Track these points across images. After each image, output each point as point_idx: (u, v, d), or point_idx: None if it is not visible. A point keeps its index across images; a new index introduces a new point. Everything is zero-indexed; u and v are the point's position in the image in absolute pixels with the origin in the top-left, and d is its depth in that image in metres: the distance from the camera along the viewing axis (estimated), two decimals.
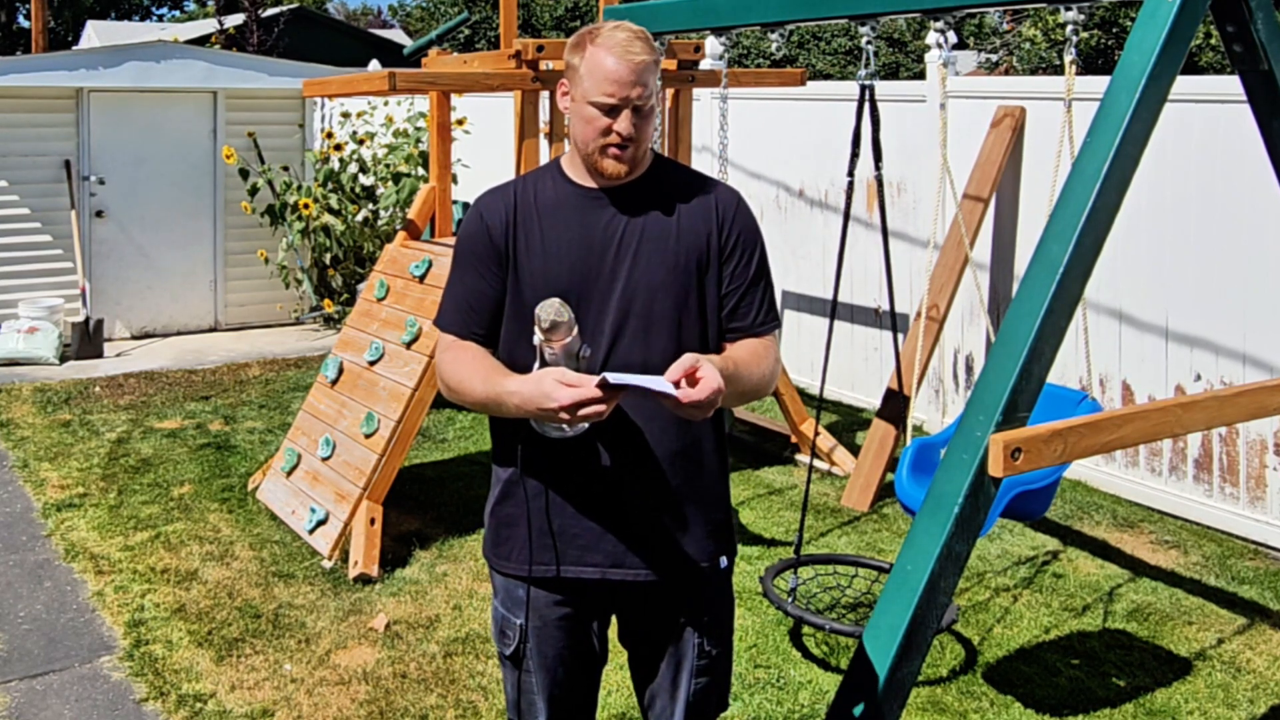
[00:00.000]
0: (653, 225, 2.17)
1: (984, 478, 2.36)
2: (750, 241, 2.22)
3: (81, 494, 5.34)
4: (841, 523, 5.06)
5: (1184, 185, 5.07)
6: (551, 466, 2.19)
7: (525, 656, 2.27)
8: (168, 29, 24.60)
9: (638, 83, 2.09)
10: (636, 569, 2.19)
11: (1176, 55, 2.54)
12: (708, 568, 2.25)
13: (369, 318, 5.31)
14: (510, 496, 2.24)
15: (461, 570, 4.49)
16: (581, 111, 2.13)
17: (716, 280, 2.19)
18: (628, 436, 2.15)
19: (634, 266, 2.14)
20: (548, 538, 2.20)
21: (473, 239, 2.22)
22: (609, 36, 2.11)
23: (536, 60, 5.02)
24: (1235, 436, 4.90)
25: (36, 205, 8.21)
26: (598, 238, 2.16)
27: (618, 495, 2.18)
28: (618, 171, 2.14)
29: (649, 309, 2.14)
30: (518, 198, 2.22)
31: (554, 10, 26.65)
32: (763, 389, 2.19)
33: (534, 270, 2.16)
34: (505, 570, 2.27)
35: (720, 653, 2.30)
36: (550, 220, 2.19)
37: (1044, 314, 2.40)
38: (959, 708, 3.52)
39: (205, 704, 3.56)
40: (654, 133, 2.22)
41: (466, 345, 2.20)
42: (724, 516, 2.29)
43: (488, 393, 2.08)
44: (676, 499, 2.20)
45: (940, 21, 3.78)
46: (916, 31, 21.98)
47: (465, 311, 2.22)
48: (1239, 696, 3.61)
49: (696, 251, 2.17)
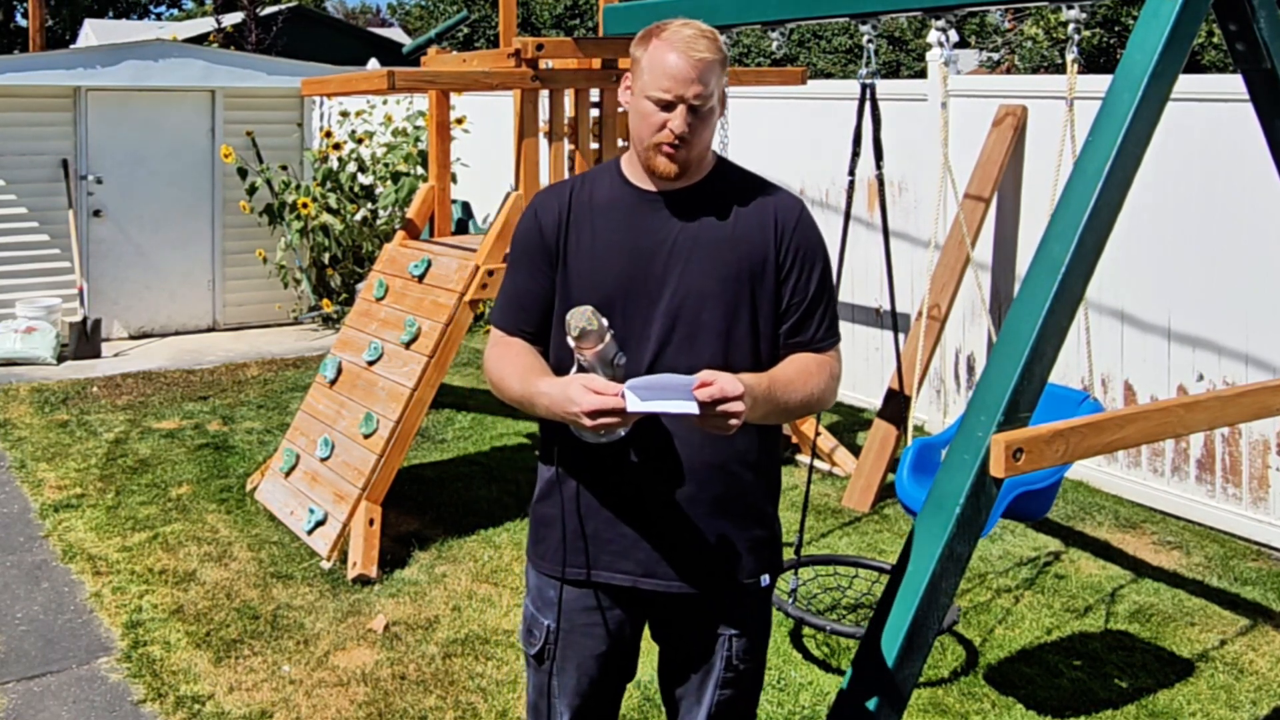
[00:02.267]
0: (707, 232, 2.12)
1: (985, 478, 2.35)
2: (811, 256, 2.15)
3: (79, 494, 5.33)
4: (842, 523, 5.04)
5: (1186, 184, 5.05)
6: (588, 470, 2.16)
7: (550, 658, 2.24)
8: (166, 28, 24.56)
9: (697, 80, 2.03)
10: (668, 580, 2.15)
11: (1179, 54, 2.52)
12: (746, 584, 2.20)
13: (368, 317, 5.30)
14: (549, 496, 2.23)
15: (461, 571, 4.48)
16: (639, 106, 2.09)
17: (773, 294, 2.13)
18: (664, 446, 2.11)
19: (684, 273, 2.09)
20: (580, 540, 2.17)
21: (526, 236, 2.20)
22: (675, 32, 2.07)
23: (536, 59, 5.01)
24: (1238, 437, 4.89)
25: (34, 205, 8.19)
26: (648, 242, 2.11)
27: (651, 504, 2.14)
28: (668, 171, 2.09)
29: (697, 318, 2.09)
30: (573, 196, 2.19)
31: (553, 8, 26.62)
32: (813, 405, 2.12)
33: (582, 271, 2.13)
34: (541, 568, 2.25)
35: (749, 668, 2.25)
36: (603, 221, 2.15)
37: (1046, 314, 2.38)
38: (960, 709, 3.51)
39: (203, 705, 3.54)
40: (712, 136, 2.15)
41: (512, 342, 2.18)
42: (767, 534, 2.23)
43: (523, 392, 2.07)
44: (712, 512, 2.14)
45: (941, 20, 3.77)
46: (918, 30, 21.97)
47: (515, 309, 2.20)
48: (1241, 698, 3.60)
49: (751, 262, 2.11)
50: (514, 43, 5.06)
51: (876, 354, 6.63)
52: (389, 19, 37.91)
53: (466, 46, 24.76)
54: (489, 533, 4.86)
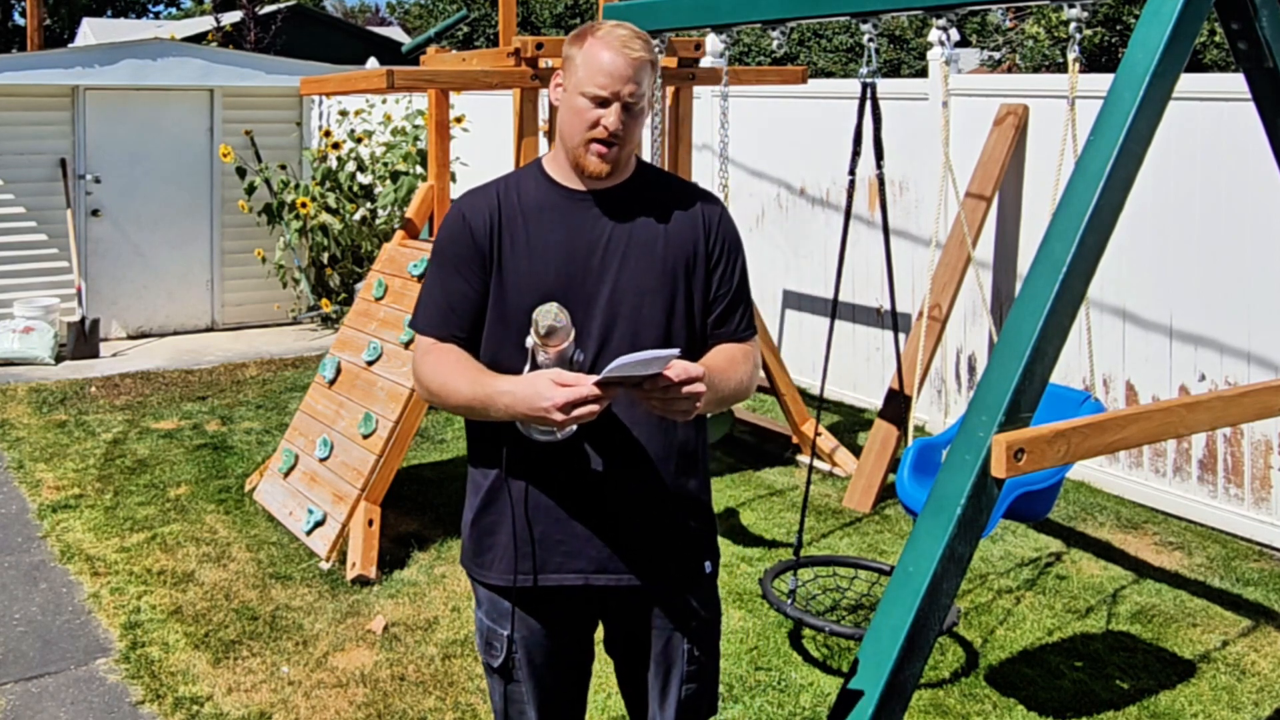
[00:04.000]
0: (640, 230, 2.16)
1: (987, 478, 2.34)
2: (734, 251, 2.24)
3: (77, 495, 5.32)
4: (843, 524, 5.03)
5: (1188, 184, 5.04)
6: (536, 470, 2.16)
7: (514, 667, 2.25)
8: (164, 26, 24.52)
9: (631, 79, 2.08)
10: (620, 574, 2.18)
11: (1181, 53, 2.51)
12: (693, 573, 2.25)
13: (367, 317, 5.28)
14: (493, 503, 2.21)
15: (460, 572, 4.46)
16: (572, 102, 2.12)
17: (704, 286, 2.20)
18: (613, 440, 2.14)
19: (621, 270, 2.13)
20: (529, 545, 2.17)
21: (455, 240, 2.18)
22: (609, 32, 2.12)
23: (535, 58, 5.00)
24: (1240, 437, 4.87)
25: (32, 204, 8.17)
26: (584, 240, 2.14)
27: (603, 499, 2.16)
28: (599, 170, 2.12)
29: (637, 313, 2.13)
30: (500, 198, 2.19)
31: (553, 7, 26.63)
32: (741, 393, 2.21)
33: (520, 272, 2.14)
34: (488, 581, 2.24)
35: (709, 658, 2.30)
36: (536, 222, 2.16)
37: (1047, 313, 2.37)
38: (961, 710, 3.50)
39: (202, 706, 3.53)
40: (640, 135, 2.20)
41: (447, 348, 2.15)
42: (707, 522, 2.29)
43: (475, 394, 2.05)
44: (661, 504, 2.19)
45: (942, 19, 3.75)
46: (918, 29, 21.97)
47: (445, 313, 2.17)
48: (1243, 699, 3.59)
49: (684, 257, 2.17)
50: (513, 42, 5.05)
51: (877, 354, 6.62)
52: (388, 18, 37.90)
53: (466, 45, 24.77)
54: None
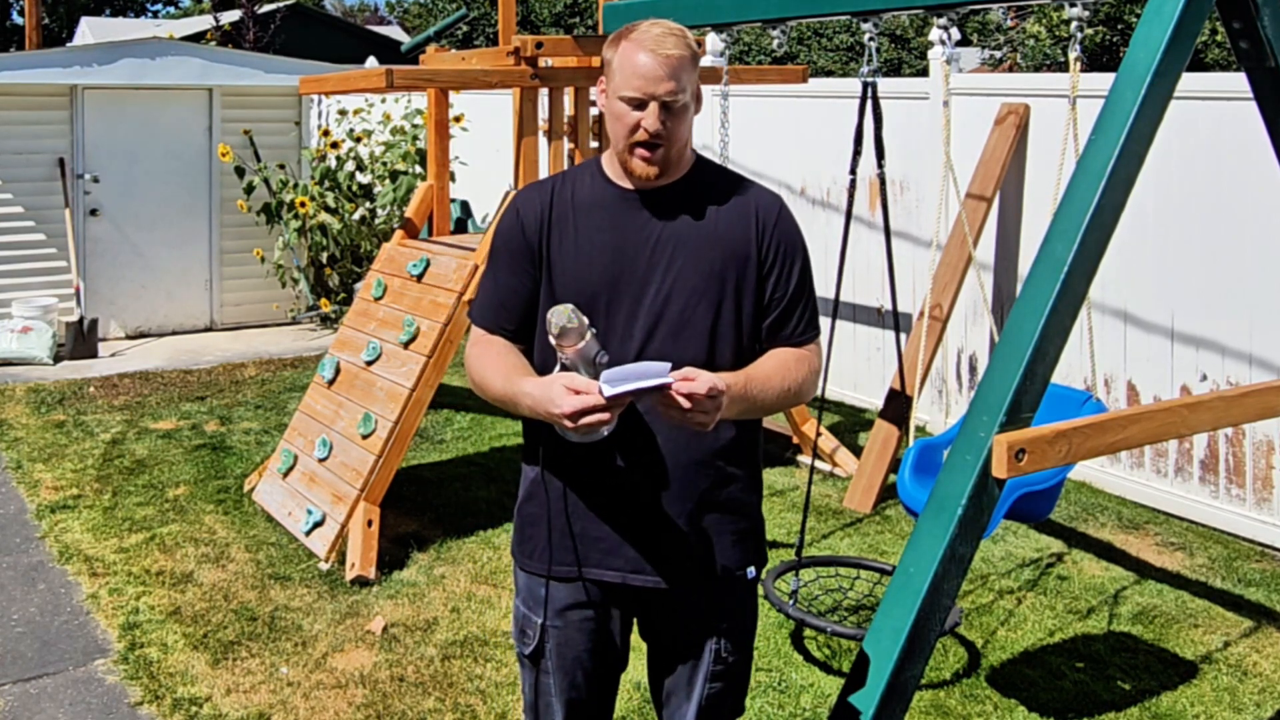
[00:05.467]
0: (689, 229, 2.14)
1: (988, 479, 2.33)
2: (792, 251, 2.18)
3: (76, 495, 5.30)
4: (843, 524, 5.02)
5: (1190, 183, 5.03)
6: (573, 469, 2.17)
7: (544, 656, 2.26)
8: (162, 25, 24.50)
9: (668, 78, 2.05)
10: (657, 575, 2.18)
11: (1182, 52, 2.50)
12: (733, 577, 2.23)
13: (366, 317, 5.27)
14: (534, 496, 2.24)
15: (459, 572, 4.45)
16: (613, 108, 2.11)
17: (755, 290, 2.16)
18: (648, 444, 2.13)
19: (668, 271, 2.11)
20: (568, 539, 2.19)
21: (508, 235, 2.21)
22: (644, 31, 2.09)
23: (535, 57, 4.99)
24: (1241, 437, 4.86)
25: (30, 204, 8.16)
26: (632, 240, 2.13)
27: (637, 502, 2.16)
28: (646, 173, 2.11)
29: (682, 314, 2.11)
30: (555, 195, 2.20)
31: (552, 6, 26.60)
32: (791, 399, 2.17)
33: (566, 269, 2.14)
34: (528, 568, 2.26)
35: (738, 660, 2.29)
36: (585, 219, 2.16)
37: (1048, 313, 2.36)
38: (962, 711, 3.49)
39: (201, 708, 3.52)
40: (689, 133, 2.16)
41: (494, 340, 2.19)
42: (750, 526, 2.26)
43: (505, 391, 2.09)
44: (698, 507, 2.17)
45: (943, 18, 3.75)
46: (919, 28, 21.96)
47: (496, 307, 2.21)
48: (1245, 700, 3.58)
49: (734, 259, 2.14)
50: (513, 41, 5.05)
51: (878, 354, 6.61)
52: (387, 17, 37.89)
53: (465, 44, 24.74)
54: (488, 534, 4.84)
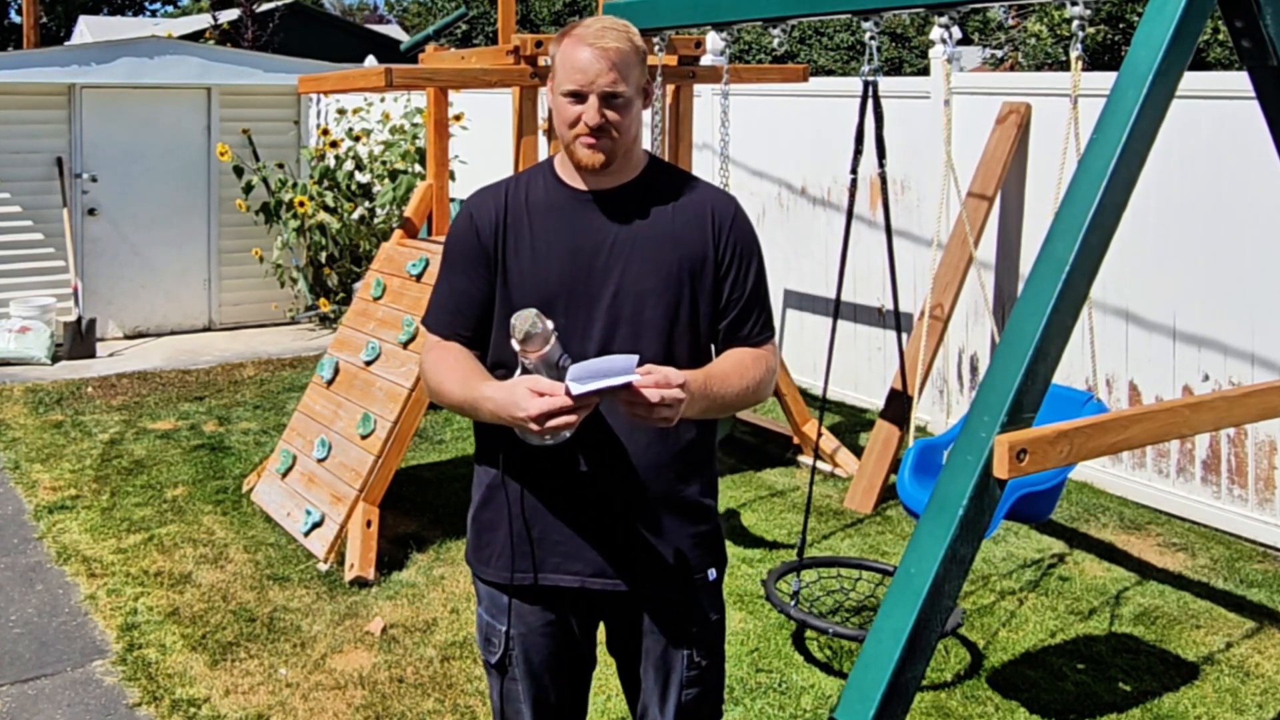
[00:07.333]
0: (645, 231, 2.13)
1: (989, 479, 2.31)
2: (748, 252, 2.18)
3: (74, 496, 5.29)
4: (844, 525, 5.01)
5: (1191, 183, 5.02)
6: (533, 472, 2.15)
7: (510, 664, 2.24)
8: (161, 24, 24.47)
9: (606, 70, 2.04)
10: (617, 579, 2.16)
11: (1184, 51, 2.49)
12: (695, 580, 2.22)
13: (365, 317, 5.26)
14: (491, 501, 2.21)
15: (459, 573, 4.44)
16: (556, 103, 2.11)
17: (712, 291, 2.15)
18: (610, 446, 2.12)
19: (625, 272, 2.10)
20: (527, 545, 2.17)
21: (461, 239, 2.19)
22: (585, 27, 2.09)
23: (535, 56, 4.98)
24: (1243, 438, 4.85)
25: (28, 203, 8.14)
26: (588, 242, 2.12)
27: (598, 504, 2.14)
28: (592, 161, 2.08)
29: (639, 315, 2.10)
30: (509, 198, 2.18)
31: (552, 5, 26.61)
32: (750, 398, 2.15)
33: (523, 272, 2.13)
34: (486, 577, 2.24)
35: (710, 664, 2.27)
36: (541, 222, 2.14)
37: (1050, 313, 2.35)
38: (963, 712, 3.48)
39: (199, 709, 3.51)
40: (638, 128, 2.15)
41: (450, 346, 2.16)
42: (710, 528, 2.25)
43: (464, 396, 2.06)
44: (660, 510, 2.16)
45: (944, 17, 3.73)
46: (920, 27, 21.95)
47: (451, 312, 2.18)
48: (1247, 701, 3.57)
49: (690, 260, 2.13)
50: (513, 40, 5.03)
51: (879, 354, 6.60)
52: (386, 16, 37.87)
53: (465, 43, 24.74)
54: None
